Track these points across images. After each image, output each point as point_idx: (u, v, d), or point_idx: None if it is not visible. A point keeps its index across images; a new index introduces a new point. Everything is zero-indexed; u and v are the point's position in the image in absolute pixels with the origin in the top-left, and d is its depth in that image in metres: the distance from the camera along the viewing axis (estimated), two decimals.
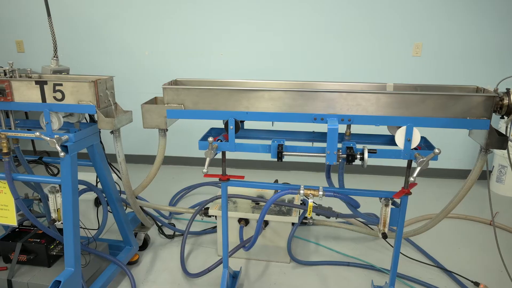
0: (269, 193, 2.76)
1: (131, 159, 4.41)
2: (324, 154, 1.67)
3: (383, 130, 1.92)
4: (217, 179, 2.02)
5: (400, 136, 1.66)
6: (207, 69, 4.10)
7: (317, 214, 2.16)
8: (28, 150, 4.59)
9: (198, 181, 3.89)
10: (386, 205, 1.81)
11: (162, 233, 2.97)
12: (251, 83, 2.03)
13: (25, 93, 1.92)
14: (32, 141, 4.49)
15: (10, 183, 1.96)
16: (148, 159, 4.47)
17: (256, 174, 4.20)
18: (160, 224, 2.97)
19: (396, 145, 1.70)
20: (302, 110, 1.72)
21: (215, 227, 3.00)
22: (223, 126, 1.89)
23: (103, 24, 4.13)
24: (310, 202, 1.75)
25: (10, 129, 2.04)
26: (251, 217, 2.56)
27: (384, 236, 1.82)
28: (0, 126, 2.04)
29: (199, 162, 4.44)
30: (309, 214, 1.77)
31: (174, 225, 3.09)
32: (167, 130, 2.01)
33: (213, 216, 2.63)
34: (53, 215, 2.02)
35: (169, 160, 4.42)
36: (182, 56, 4.12)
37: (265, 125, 1.92)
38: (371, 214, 2.68)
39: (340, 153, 1.67)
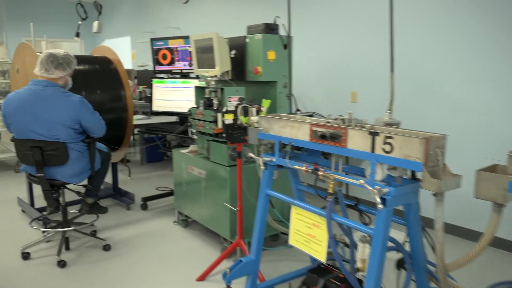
0: None
1: (448, 228, 3.93)
2: None
3: None
4: None
5: None
6: None
7: None
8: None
9: None
10: None
11: None
12: None
13: (356, 141, 2.02)
14: (347, 185, 4.87)
15: (329, 221, 2.10)
16: (468, 234, 3.87)
17: None
18: None
19: None
20: None
21: None
22: None
23: (437, 79, 4.02)
24: None
25: (337, 172, 2.22)
26: None
27: None
28: (330, 169, 2.25)
29: None
30: None
31: None
32: (505, 206, 1.64)
33: None
34: (359, 265, 2.02)
35: (492, 242, 3.68)
36: None
37: None
38: None
39: None
